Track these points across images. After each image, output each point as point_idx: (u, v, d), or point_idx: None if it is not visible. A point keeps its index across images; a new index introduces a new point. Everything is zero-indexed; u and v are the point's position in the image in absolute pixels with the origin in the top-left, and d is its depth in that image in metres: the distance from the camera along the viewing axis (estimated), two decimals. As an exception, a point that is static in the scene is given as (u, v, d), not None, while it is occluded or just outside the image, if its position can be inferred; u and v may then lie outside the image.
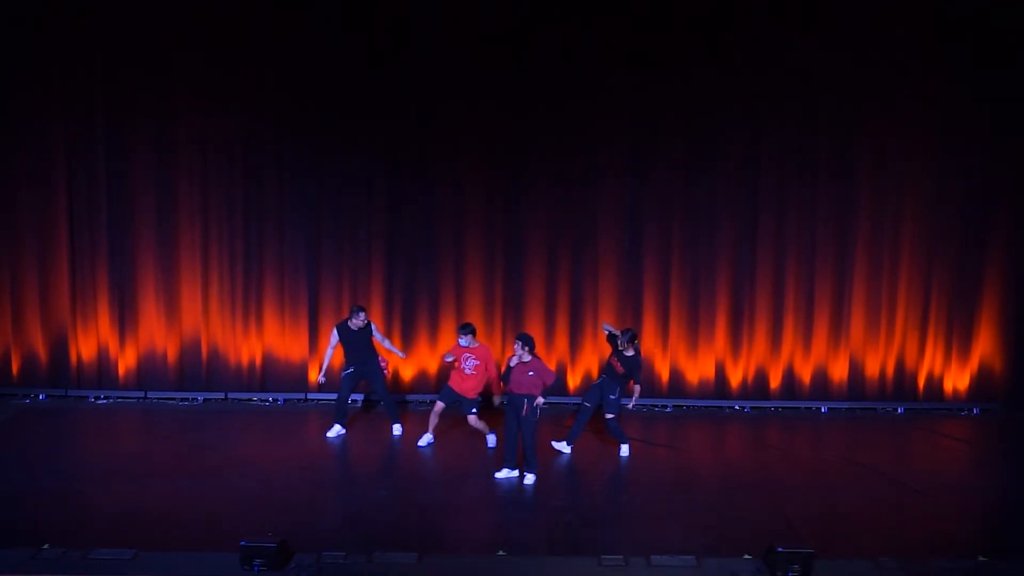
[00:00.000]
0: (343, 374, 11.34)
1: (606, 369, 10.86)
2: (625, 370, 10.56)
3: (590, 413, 10.80)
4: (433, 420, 10.87)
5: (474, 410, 10.76)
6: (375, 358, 11.29)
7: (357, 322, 11.15)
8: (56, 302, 12.61)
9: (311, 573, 7.61)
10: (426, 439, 10.92)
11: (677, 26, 12.21)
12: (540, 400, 9.76)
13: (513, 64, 12.27)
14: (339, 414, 11.33)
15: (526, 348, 9.79)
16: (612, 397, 10.64)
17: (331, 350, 11.32)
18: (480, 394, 10.85)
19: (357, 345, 11.23)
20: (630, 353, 10.59)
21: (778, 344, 12.79)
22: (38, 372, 12.70)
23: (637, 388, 10.62)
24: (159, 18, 12.08)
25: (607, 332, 11.10)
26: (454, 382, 10.79)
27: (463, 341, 10.72)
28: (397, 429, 11.41)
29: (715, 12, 12.18)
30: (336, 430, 11.26)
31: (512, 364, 9.86)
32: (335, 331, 11.29)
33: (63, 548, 7.85)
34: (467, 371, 10.67)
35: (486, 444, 10.91)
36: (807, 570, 7.56)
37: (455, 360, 10.70)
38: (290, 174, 12.48)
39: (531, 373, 9.75)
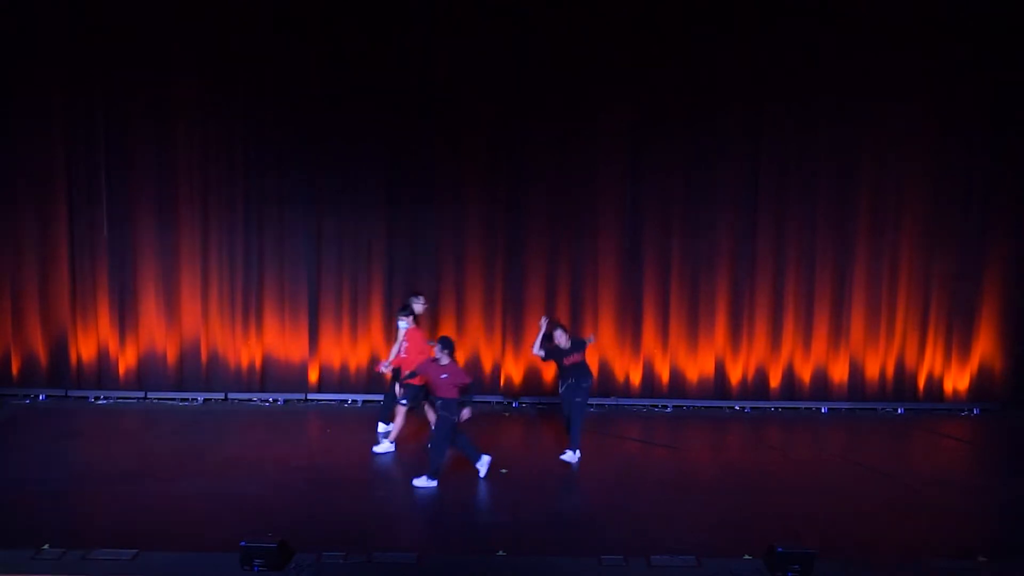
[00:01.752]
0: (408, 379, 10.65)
1: (569, 372, 10.56)
2: (581, 352, 10.60)
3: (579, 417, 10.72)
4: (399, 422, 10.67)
5: (403, 401, 10.52)
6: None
7: (420, 307, 11.09)
8: (56, 302, 12.61)
9: (311, 573, 7.60)
10: (385, 447, 10.69)
11: (677, 26, 12.22)
12: (467, 412, 9.74)
13: (513, 64, 12.28)
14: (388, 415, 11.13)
15: (445, 351, 9.79)
16: (586, 385, 10.60)
17: (400, 346, 10.87)
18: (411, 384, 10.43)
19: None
20: (568, 343, 10.59)
21: (778, 344, 12.79)
22: (38, 372, 12.71)
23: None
24: (160, 18, 12.09)
25: (543, 355, 10.81)
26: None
27: (400, 323, 10.71)
28: (382, 427, 11.27)
29: (714, 12, 12.19)
30: (386, 431, 11.05)
31: (427, 370, 9.87)
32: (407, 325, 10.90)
33: (63, 548, 7.84)
34: (402, 355, 10.66)
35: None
36: (807, 570, 7.55)
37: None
38: (290, 174, 12.49)
39: (444, 376, 9.71)
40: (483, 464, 9.88)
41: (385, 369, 10.88)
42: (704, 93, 12.36)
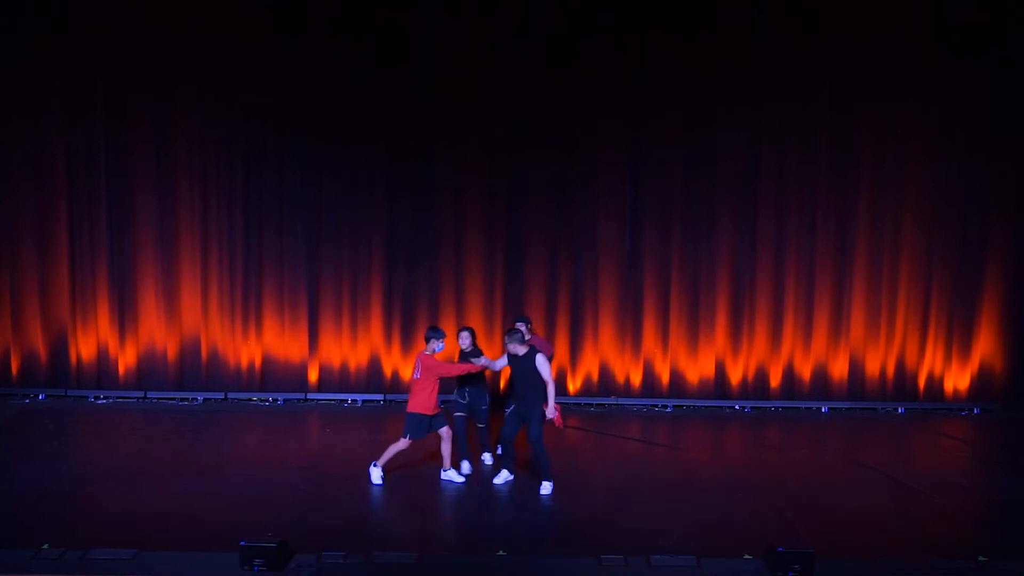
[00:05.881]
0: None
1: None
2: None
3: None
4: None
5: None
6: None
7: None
8: (56, 302, 12.62)
9: (311, 573, 7.60)
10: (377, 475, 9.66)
11: (675, 28, 12.23)
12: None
13: (513, 68, 12.28)
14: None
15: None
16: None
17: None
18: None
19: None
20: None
21: (778, 344, 12.79)
22: (38, 372, 12.71)
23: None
24: (161, 18, 12.10)
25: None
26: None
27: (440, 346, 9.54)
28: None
29: (713, 14, 12.19)
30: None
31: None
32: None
33: (63, 548, 7.84)
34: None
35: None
36: (807, 570, 7.55)
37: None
38: (290, 174, 12.50)
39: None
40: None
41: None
42: (703, 94, 12.36)
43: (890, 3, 12.21)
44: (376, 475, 9.65)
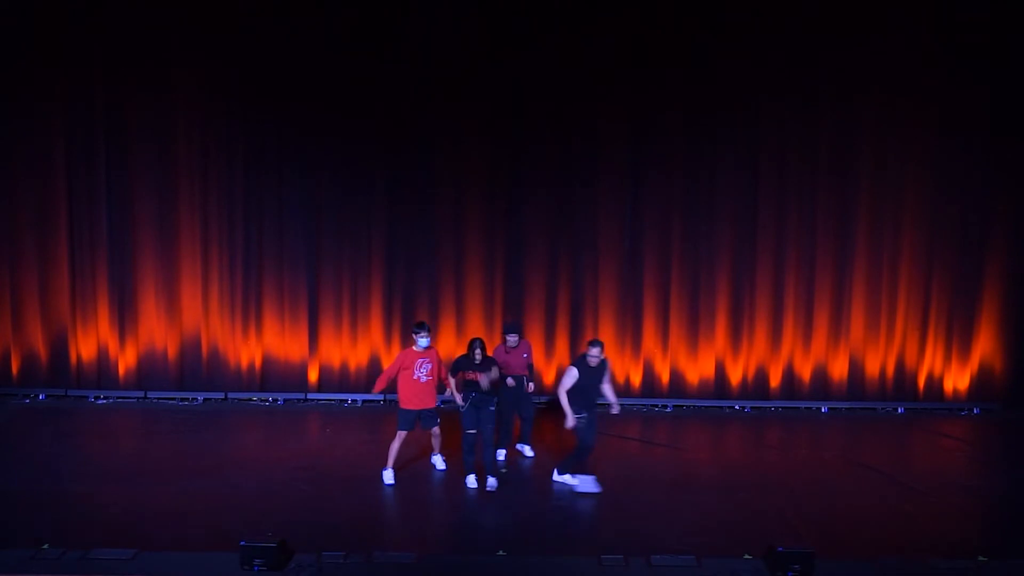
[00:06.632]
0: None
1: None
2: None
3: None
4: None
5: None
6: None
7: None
8: (56, 302, 12.62)
9: (311, 573, 7.60)
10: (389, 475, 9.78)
11: (675, 27, 12.22)
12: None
13: (513, 66, 12.28)
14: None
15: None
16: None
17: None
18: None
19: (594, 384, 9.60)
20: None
21: (778, 344, 12.79)
22: (38, 372, 12.71)
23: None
24: (161, 18, 12.09)
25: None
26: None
27: (425, 342, 9.68)
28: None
29: (714, 13, 12.19)
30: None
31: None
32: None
33: (63, 548, 7.85)
34: (423, 379, 9.66)
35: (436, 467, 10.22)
36: (807, 570, 7.56)
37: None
38: (290, 174, 12.50)
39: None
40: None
41: None
42: (703, 94, 12.35)
43: (890, 3, 12.20)
44: (388, 476, 9.70)
